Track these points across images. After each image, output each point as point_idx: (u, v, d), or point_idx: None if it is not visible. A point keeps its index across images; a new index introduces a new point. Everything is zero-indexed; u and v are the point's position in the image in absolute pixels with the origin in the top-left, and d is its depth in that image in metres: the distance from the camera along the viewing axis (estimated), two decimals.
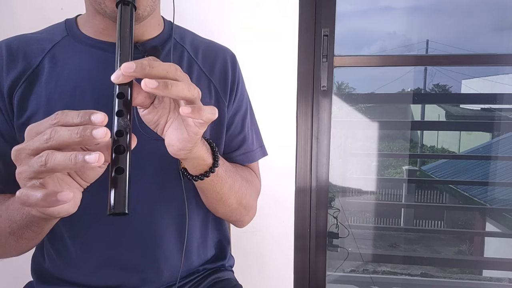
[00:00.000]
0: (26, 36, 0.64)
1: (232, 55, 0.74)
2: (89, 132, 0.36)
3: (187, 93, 0.42)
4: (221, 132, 0.71)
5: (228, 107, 0.71)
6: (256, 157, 0.78)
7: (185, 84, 0.42)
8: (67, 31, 0.64)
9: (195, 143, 0.50)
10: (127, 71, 0.39)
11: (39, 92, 0.60)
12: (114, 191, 0.39)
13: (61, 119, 0.38)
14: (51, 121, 0.38)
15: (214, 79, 0.70)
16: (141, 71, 0.40)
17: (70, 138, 0.37)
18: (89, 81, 0.60)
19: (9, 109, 0.60)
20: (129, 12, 0.49)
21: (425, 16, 2.16)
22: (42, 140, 0.37)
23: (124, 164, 0.39)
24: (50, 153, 0.37)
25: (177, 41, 0.69)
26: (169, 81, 0.40)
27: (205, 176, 0.59)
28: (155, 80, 0.39)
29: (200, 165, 0.58)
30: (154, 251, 0.66)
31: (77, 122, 0.38)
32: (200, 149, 0.54)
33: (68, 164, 0.36)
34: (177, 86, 0.41)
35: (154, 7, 0.59)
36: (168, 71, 0.41)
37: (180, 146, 0.50)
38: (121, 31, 0.47)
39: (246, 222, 0.76)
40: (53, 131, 0.37)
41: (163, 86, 0.39)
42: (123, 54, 0.45)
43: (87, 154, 0.36)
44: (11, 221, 0.51)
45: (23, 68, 0.60)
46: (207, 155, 0.57)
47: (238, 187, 0.67)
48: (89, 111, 0.38)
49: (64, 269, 0.67)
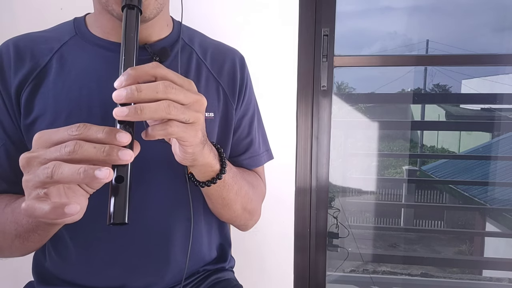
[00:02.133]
0: (34, 35, 0.63)
1: (241, 57, 0.74)
2: (115, 153, 0.36)
3: (163, 113, 0.40)
4: (228, 135, 0.70)
5: (236, 109, 0.70)
6: (262, 161, 0.77)
7: (163, 104, 0.40)
8: (75, 31, 0.63)
9: (193, 154, 0.50)
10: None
11: (46, 92, 0.59)
12: (114, 201, 0.38)
13: (83, 132, 0.38)
14: (71, 132, 0.38)
15: (222, 81, 0.69)
16: (131, 98, 0.39)
17: (95, 155, 0.36)
18: (96, 82, 0.60)
19: (16, 110, 0.59)
20: (134, 16, 0.48)
21: (425, 16, 2.16)
22: (63, 152, 0.37)
23: (124, 173, 0.39)
24: (57, 164, 0.36)
25: (186, 42, 0.68)
26: (139, 107, 0.39)
27: (212, 183, 0.58)
28: (126, 108, 0.39)
29: (208, 171, 0.57)
30: (158, 253, 0.65)
31: (101, 137, 0.37)
32: (207, 156, 0.54)
33: (76, 178, 0.36)
34: (149, 109, 0.39)
35: (160, 8, 0.58)
36: (158, 91, 0.40)
37: (181, 156, 0.50)
38: (126, 35, 0.46)
39: (250, 226, 0.76)
40: (77, 145, 0.36)
41: (133, 113, 0.38)
42: (128, 58, 0.45)
43: (97, 169, 0.35)
44: (18, 224, 0.51)
45: (30, 67, 0.59)
46: (215, 162, 0.57)
47: (244, 193, 0.67)
48: (115, 129, 0.38)
49: (65, 270, 0.66)
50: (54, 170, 0.36)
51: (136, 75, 0.41)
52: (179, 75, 0.44)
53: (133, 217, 0.62)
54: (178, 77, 0.44)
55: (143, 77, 0.41)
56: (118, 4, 0.54)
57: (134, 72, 0.41)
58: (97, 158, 0.36)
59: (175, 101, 0.42)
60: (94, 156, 0.36)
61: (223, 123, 0.69)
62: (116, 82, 0.41)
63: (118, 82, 0.40)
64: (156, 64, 0.42)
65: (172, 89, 0.41)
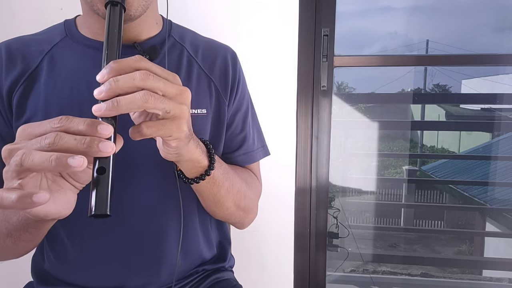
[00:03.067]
0: (25, 38, 0.64)
1: (232, 53, 0.74)
2: (96, 145, 0.36)
3: (140, 102, 0.39)
4: (221, 131, 0.70)
5: (228, 106, 0.70)
6: (257, 157, 0.77)
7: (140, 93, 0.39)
8: (66, 32, 0.64)
9: (177, 149, 0.49)
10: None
11: (37, 93, 0.60)
12: (95, 192, 0.37)
13: (65, 124, 0.37)
14: (53, 124, 0.38)
15: (214, 78, 0.69)
16: (110, 90, 0.39)
17: (76, 146, 0.36)
18: (86, 82, 0.60)
19: (8, 111, 0.60)
20: (117, 13, 0.48)
21: (425, 16, 2.16)
22: (43, 144, 0.36)
23: (106, 164, 0.38)
24: (28, 152, 0.36)
25: (177, 40, 0.69)
26: (115, 99, 0.38)
27: (200, 179, 0.58)
28: (104, 103, 0.38)
29: (195, 167, 0.56)
30: (153, 251, 0.65)
31: (82, 129, 0.37)
32: (193, 151, 0.53)
33: (47, 165, 0.35)
34: (125, 100, 0.39)
35: (146, 5, 0.58)
36: (135, 79, 0.40)
37: (164, 151, 0.50)
38: (109, 32, 0.46)
39: (246, 224, 0.75)
40: (57, 136, 0.36)
41: (111, 106, 0.38)
42: (110, 55, 0.44)
43: (70, 157, 0.34)
44: (8, 222, 0.51)
45: (22, 69, 0.60)
46: (202, 157, 0.56)
47: (236, 190, 0.66)
48: (96, 120, 0.38)
49: (63, 270, 0.66)
50: (24, 158, 0.35)
51: (118, 68, 0.40)
52: (163, 69, 0.44)
53: (127, 216, 0.63)
54: (161, 70, 0.43)
55: (125, 69, 0.41)
56: (102, 3, 0.54)
57: (117, 65, 0.40)
58: (77, 149, 0.36)
59: (155, 89, 0.41)
60: (75, 148, 0.36)
61: (216, 120, 0.69)
62: (98, 75, 0.40)
63: (100, 75, 0.40)
64: (139, 58, 0.42)
65: (150, 75, 0.40)
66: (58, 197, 0.42)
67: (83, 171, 0.41)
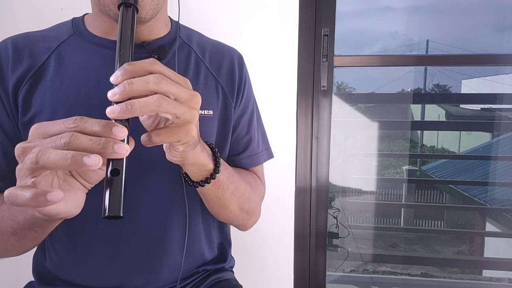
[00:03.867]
0: (33, 34, 0.64)
1: (239, 56, 0.74)
2: (111, 146, 0.36)
3: (153, 106, 0.39)
4: (227, 133, 0.70)
5: (234, 108, 0.71)
6: (261, 160, 0.77)
7: (154, 97, 0.39)
8: (74, 29, 0.64)
9: (183, 153, 0.49)
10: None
11: (44, 90, 0.59)
12: (109, 194, 0.38)
13: (80, 124, 0.37)
14: (68, 124, 0.38)
15: (221, 80, 0.69)
16: (124, 92, 0.39)
17: (90, 147, 0.36)
18: (95, 79, 0.60)
19: (14, 107, 0.59)
20: (130, 14, 0.48)
21: (425, 16, 2.16)
22: (59, 143, 0.36)
23: (120, 166, 0.39)
24: (43, 149, 0.36)
25: (184, 41, 0.69)
26: (129, 102, 0.39)
27: (205, 183, 0.58)
28: (118, 105, 0.38)
29: (201, 171, 0.57)
30: (156, 252, 0.65)
31: (97, 130, 0.37)
32: (198, 155, 0.53)
33: (63, 163, 0.35)
34: (139, 103, 0.39)
35: (158, 8, 0.58)
36: (149, 82, 0.40)
37: (170, 154, 0.50)
38: (122, 33, 0.46)
39: (249, 226, 0.76)
40: (73, 137, 0.36)
41: (124, 109, 0.38)
42: (123, 56, 0.45)
43: (85, 156, 0.35)
44: (14, 221, 0.51)
45: (28, 66, 0.60)
46: (208, 161, 0.56)
47: (240, 193, 0.66)
48: (111, 122, 0.38)
49: (65, 270, 0.66)
50: (40, 155, 0.35)
51: (132, 70, 0.40)
52: (175, 73, 0.44)
53: (131, 216, 0.63)
54: (174, 74, 0.43)
55: (139, 72, 0.41)
56: (115, 4, 0.54)
57: (131, 68, 0.40)
58: (92, 150, 0.36)
59: (168, 93, 0.41)
60: (89, 149, 0.36)
61: (222, 121, 0.69)
62: (112, 77, 0.40)
63: (114, 77, 0.40)
64: (153, 61, 0.42)
65: (163, 79, 0.41)
66: (69, 196, 0.42)
67: (94, 171, 0.41)
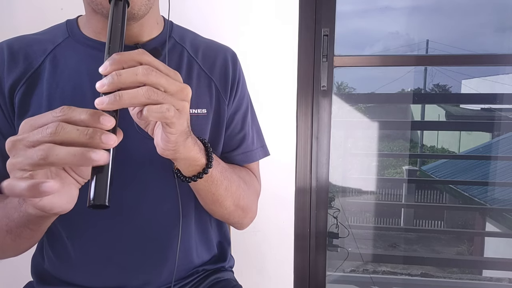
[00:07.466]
0: (28, 37, 0.64)
1: (232, 54, 0.74)
2: (98, 137, 0.36)
3: (142, 98, 0.39)
4: (221, 130, 0.70)
5: (228, 105, 0.71)
6: (256, 157, 0.77)
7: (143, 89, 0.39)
8: (68, 32, 0.64)
9: (176, 144, 0.49)
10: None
11: (40, 93, 0.60)
12: (95, 183, 0.38)
13: (67, 113, 0.37)
14: (55, 114, 0.38)
15: (214, 78, 0.70)
16: (112, 83, 0.39)
17: (78, 137, 0.36)
18: (88, 81, 0.60)
19: (10, 109, 0.60)
20: (121, 7, 0.48)
21: (425, 16, 2.17)
22: (45, 134, 0.36)
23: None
24: (52, 147, 0.36)
25: (177, 41, 0.69)
26: (118, 93, 0.39)
27: (197, 178, 0.58)
28: (106, 96, 0.39)
29: (192, 165, 0.57)
30: (153, 251, 0.65)
31: (84, 119, 0.37)
32: (190, 149, 0.53)
33: (72, 160, 0.35)
34: (127, 95, 0.39)
35: (150, 5, 0.58)
36: (138, 73, 0.40)
37: (163, 146, 0.50)
38: (112, 25, 0.46)
39: (245, 224, 0.75)
40: (59, 126, 0.36)
41: (113, 100, 0.38)
42: (113, 47, 0.44)
43: (93, 152, 0.35)
44: (9, 219, 0.51)
45: (24, 68, 0.60)
46: (200, 156, 0.56)
47: (235, 189, 0.66)
48: (99, 111, 0.38)
49: (63, 270, 0.66)
50: (49, 152, 0.35)
51: (121, 60, 0.40)
52: (165, 65, 0.44)
53: (127, 216, 0.63)
54: (163, 66, 0.43)
55: (128, 62, 0.41)
56: (106, 0, 0.54)
57: (119, 57, 0.40)
58: (80, 140, 0.36)
59: (157, 85, 0.41)
60: (77, 138, 0.36)
61: (216, 119, 0.69)
62: (101, 67, 0.40)
63: (103, 67, 0.40)
64: (142, 51, 0.42)
65: (152, 71, 0.40)
66: (62, 190, 0.42)
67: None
